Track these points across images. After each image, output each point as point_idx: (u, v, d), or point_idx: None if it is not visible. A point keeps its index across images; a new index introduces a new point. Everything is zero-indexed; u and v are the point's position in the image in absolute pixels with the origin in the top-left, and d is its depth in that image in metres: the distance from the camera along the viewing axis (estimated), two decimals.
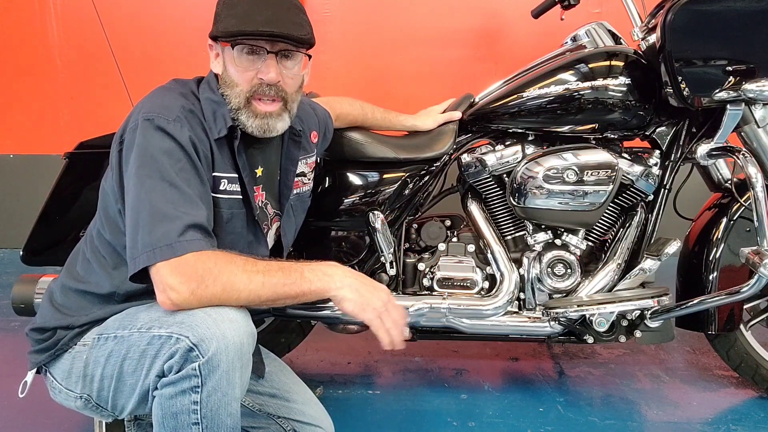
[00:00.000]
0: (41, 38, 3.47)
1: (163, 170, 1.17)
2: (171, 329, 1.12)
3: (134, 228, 1.16)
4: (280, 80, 1.29)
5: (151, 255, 1.12)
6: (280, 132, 1.35)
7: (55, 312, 1.31)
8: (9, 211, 3.55)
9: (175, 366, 1.11)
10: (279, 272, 1.18)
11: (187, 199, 1.18)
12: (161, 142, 1.19)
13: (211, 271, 1.13)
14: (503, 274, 1.80)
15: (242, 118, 1.30)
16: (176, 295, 1.12)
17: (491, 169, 1.83)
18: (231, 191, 1.33)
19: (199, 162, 1.23)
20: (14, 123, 3.57)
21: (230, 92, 1.30)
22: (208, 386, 1.10)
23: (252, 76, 1.28)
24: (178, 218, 1.15)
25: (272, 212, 1.48)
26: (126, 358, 1.18)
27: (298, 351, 2.16)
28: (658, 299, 1.75)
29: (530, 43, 3.21)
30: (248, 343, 1.15)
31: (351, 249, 1.86)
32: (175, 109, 1.24)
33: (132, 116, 1.25)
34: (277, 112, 1.31)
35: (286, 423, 1.47)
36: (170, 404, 1.12)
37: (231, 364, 1.11)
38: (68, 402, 1.30)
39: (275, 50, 1.27)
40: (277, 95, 1.30)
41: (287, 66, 1.31)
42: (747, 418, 1.83)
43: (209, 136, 1.28)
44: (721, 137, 1.72)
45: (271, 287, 1.17)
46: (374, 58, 3.38)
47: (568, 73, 1.75)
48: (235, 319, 1.13)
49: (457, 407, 1.88)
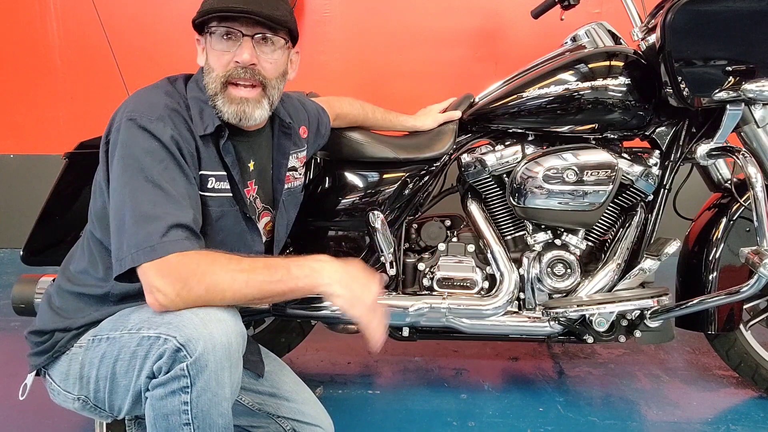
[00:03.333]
0: (41, 38, 3.48)
1: (146, 170, 1.17)
2: (159, 330, 1.12)
3: (119, 229, 1.16)
4: (255, 63, 1.28)
5: (135, 256, 1.12)
6: (258, 120, 1.32)
7: (53, 314, 1.31)
8: (9, 211, 3.55)
9: (164, 367, 1.10)
10: (264, 270, 1.16)
11: (171, 199, 1.17)
12: (144, 142, 1.19)
13: (194, 272, 1.12)
14: (503, 274, 1.81)
15: (218, 104, 1.28)
16: (162, 297, 1.11)
17: (491, 169, 1.83)
18: (219, 189, 1.32)
19: (184, 161, 1.22)
20: (14, 123, 3.57)
21: (208, 78, 1.29)
22: (198, 386, 1.09)
23: (228, 59, 1.27)
24: (161, 218, 1.14)
25: (261, 206, 1.46)
26: (118, 360, 1.18)
27: (298, 351, 2.16)
28: (658, 299, 1.75)
29: (530, 43, 3.21)
30: (237, 343, 1.14)
31: (351, 249, 1.86)
32: (158, 107, 1.23)
33: (117, 115, 1.25)
34: (255, 98, 1.30)
35: (286, 422, 1.47)
36: (161, 405, 1.12)
37: (219, 363, 1.10)
38: (67, 403, 1.30)
39: (251, 33, 1.26)
40: (253, 78, 1.28)
41: (265, 51, 1.29)
42: (747, 418, 1.83)
43: (194, 135, 1.27)
44: (721, 137, 1.72)
45: (256, 285, 1.15)
46: (374, 58, 3.38)
47: (568, 73, 1.75)
48: (223, 319, 1.13)
49: (457, 407, 1.88)
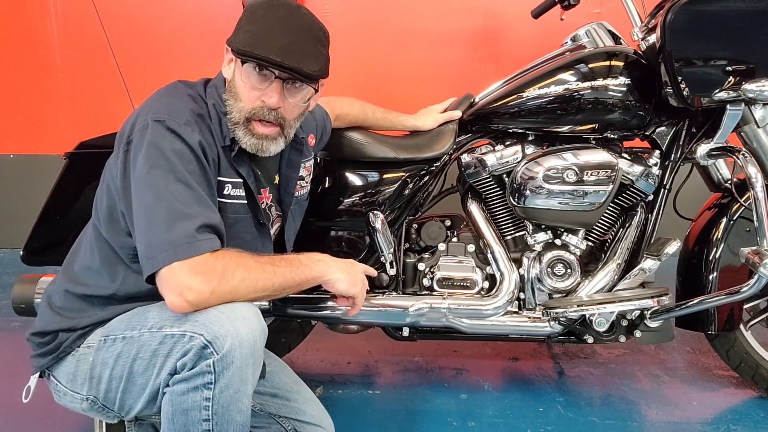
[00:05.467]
0: (41, 38, 3.47)
1: (176, 170, 1.18)
2: (184, 327, 1.13)
3: (149, 227, 1.15)
4: (281, 106, 1.29)
5: (171, 253, 1.11)
6: (273, 153, 1.35)
7: (55, 315, 1.31)
8: (9, 211, 3.54)
9: (188, 363, 1.11)
10: (283, 262, 1.26)
11: (201, 200, 1.19)
12: (173, 144, 1.20)
13: (228, 265, 1.15)
14: (503, 274, 1.80)
15: (239, 133, 1.30)
16: (195, 296, 1.12)
17: (491, 169, 1.83)
18: (235, 196, 1.34)
19: (208, 166, 1.24)
20: (14, 123, 3.56)
21: (233, 104, 1.30)
22: (221, 383, 1.11)
23: (256, 96, 1.28)
24: (195, 217, 1.15)
25: (275, 214, 1.49)
26: (137, 359, 1.18)
27: (298, 351, 2.16)
28: (658, 299, 1.75)
29: (530, 43, 3.21)
30: (261, 340, 1.17)
31: (351, 249, 1.86)
32: (185, 112, 1.24)
33: (139, 117, 1.25)
34: (273, 135, 1.32)
35: (287, 422, 1.47)
36: (181, 400, 1.12)
37: (244, 360, 1.12)
38: (74, 404, 1.30)
39: (283, 77, 1.26)
40: (275, 120, 1.30)
41: (293, 94, 1.30)
42: (747, 418, 1.83)
43: (216, 142, 1.29)
44: (721, 137, 1.72)
45: (281, 276, 1.23)
46: (374, 58, 3.38)
47: (568, 73, 1.75)
48: (248, 317, 1.15)
49: (457, 407, 1.88)
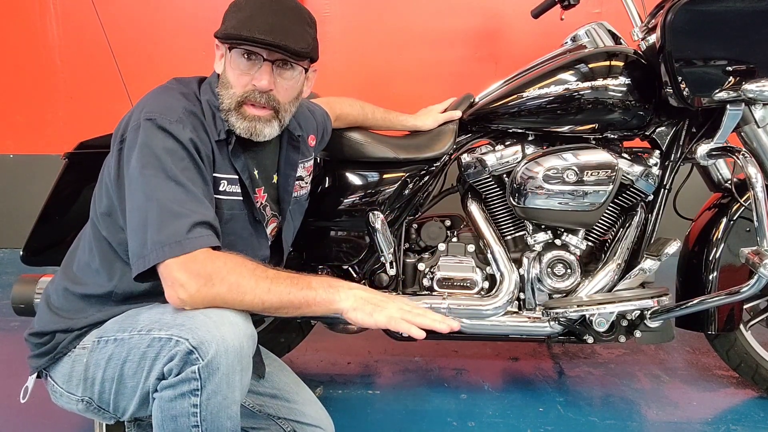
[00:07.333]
0: (41, 38, 3.47)
1: (167, 169, 1.17)
2: (171, 331, 1.12)
3: (141, 226, 1.15)
4: (272, 89, 1.28)
5: (160, 252, 1.12)
6: (267, 137, 1.33)
7: (53, 315, 1.31)
8: (9, 211, 3.54)
9: (174, 369, 1.10)
10: (287, 281, 1.18)
11: (194, 197, 1.18)
12: (164, 142, 1.19)
13: (219, 270, 1.13)
14: (503, 274, 1.80)
15: (232, 120, 1.30)
16: (183, 292, 1.12)
17: (491, 169, 1.83)
18: (231, 192, 1.33)
19: (202, 163, 1.24)
20: (14, 123, 3.57)
21: (224, 93, 1.30)
22: (208, 389, 1.09)
23: (247, 81, 1.28)
24: (187, 216, 1.15)
25: (270, 214, 1.48)
26: (126, 361, 1.17)
27: (298, 351, 2.16)
28: (658, 299, 1.75)
29: (530, 43, 3.21)
30: (248, 346, 1.15)
31: (351, 249, 1.86)
32: (177, 110, 1.24)
33: (133, 115, 1.25)
34: (266, 118, 1.31)
35: (287, 424, 1.47)
36: (170, 407, 1.11)
37: (231, 366, 1.10)
38: (70, 405, 1.30)
39: (272, 59, 1.26)
40: (267, 103, 1.29)
41: (284, 76, 1.30)
42: (747, 418, 1.83)
43: (210, 138, 1.28)
44: (721, 137, 1.72)
45: (277, 294, 1.16)
46: (374, 58, 3.38)
47: (568, 73, 1.75)
48: (235, 322, 1.13)
49: (457, 407, 1.88)
